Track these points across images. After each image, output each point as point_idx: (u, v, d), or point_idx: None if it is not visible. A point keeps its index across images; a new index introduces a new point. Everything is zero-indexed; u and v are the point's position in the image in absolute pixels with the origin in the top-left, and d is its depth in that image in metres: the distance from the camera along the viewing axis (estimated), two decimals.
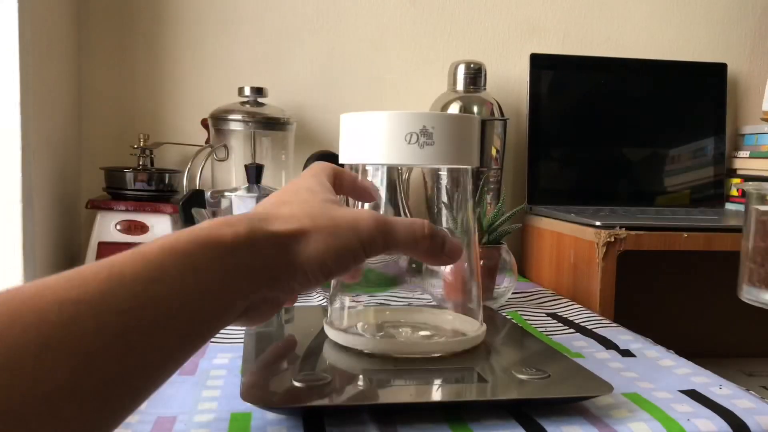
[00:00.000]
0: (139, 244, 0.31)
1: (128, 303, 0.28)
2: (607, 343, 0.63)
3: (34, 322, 0.25)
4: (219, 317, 0.33)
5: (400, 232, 0.40)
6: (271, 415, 0.43)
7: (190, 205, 0.76)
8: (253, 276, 0.35)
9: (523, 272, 1.05)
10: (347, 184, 0.48)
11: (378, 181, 0.57)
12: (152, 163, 0.98)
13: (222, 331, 0.65)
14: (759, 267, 0.39)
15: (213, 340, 0.60)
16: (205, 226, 0.34)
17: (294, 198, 0.40)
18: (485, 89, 1.04)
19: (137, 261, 0.30)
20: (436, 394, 0.45)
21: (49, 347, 0.25)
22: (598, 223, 0.83)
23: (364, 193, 0.51)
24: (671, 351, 0.61)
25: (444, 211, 0.79)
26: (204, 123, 1.01)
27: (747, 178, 1.12)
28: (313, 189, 0.42)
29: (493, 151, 1.01)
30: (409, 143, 0.47)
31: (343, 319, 0.57)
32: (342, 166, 0.56)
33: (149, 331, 0.28)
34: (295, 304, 0.75)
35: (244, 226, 0.34)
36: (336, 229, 0.38)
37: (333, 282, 0.57)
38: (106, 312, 0.27)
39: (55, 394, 0.24)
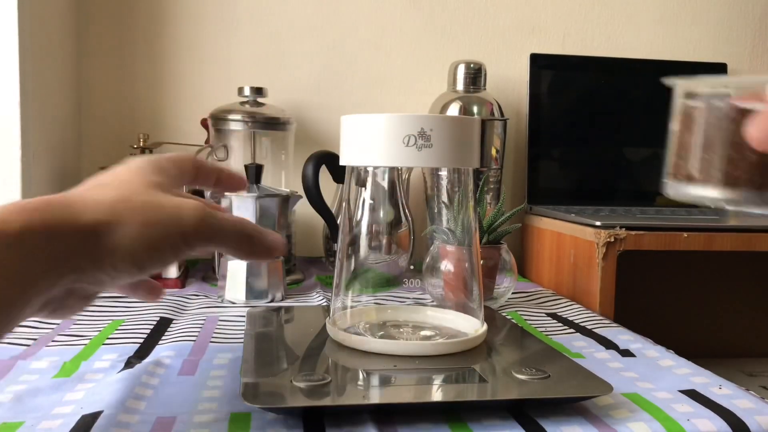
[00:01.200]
0: None
1: None
2: (607, 343, 0.63)
3: None
4: (7, 312, 0.30)
5: (227, 229, 0.37)
6: (270, 415, 0.43)
7: None
8: (50, 268, 0.31)
9: (523, 272, 1.05)
10: (204, 175, 0.44)
11: (379, 180, 0.57)
12: None
13: (222, 331, 0.65)
14: (683, 161, 0.39)
15: (213, 340, 0.61)
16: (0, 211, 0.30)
17: (113, 179, 0.36)
18: (485, 89, 1.04)
19: None
20: (436, 394, 0.45)
21: None
22: (598, 223, 0.83)
23: (231, 182, 0.47)
24: (671, 351, 0.61)
25: (444, 211, 0.79)
26: (204, 123, 1.01)
27: None
28: (139, 168, 0.38)
29: (493, 151, 1.01)
30: (407, 145, 0.47)
31: (345, 319, 0.57)
32: (343, 168, 0.56)
33: None
34: (296, 304, 0.75)
35: (39, 215, 0.31)
36: (153, 219, 0.34)
37: (334, 281, 0.57)
38: None
39: None
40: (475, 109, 1.02)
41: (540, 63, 1.10)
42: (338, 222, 0.88)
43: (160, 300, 0.49)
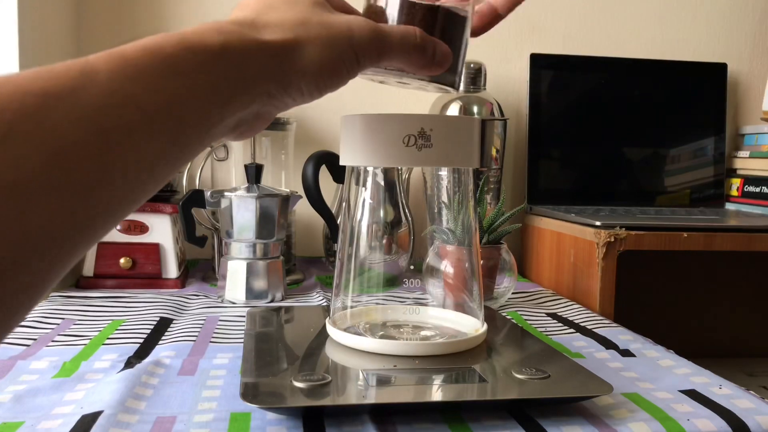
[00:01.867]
0: (139, 244, 0.31)
1: (103, 100, 0.26)
2: (607, 343, 0.63)
3: None
4: (205, 126, 0.31)
5: (394, 40, 0.38)
6: (270, 415, 0.43)
7: (190, 205, 0.76)
8: (245, 88, 0.32)
9: (523, 272, 1.05)
10: None
11: (379, 180, 0.57)
12: None
13: (222, 331, 0.65)
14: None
15: (212, 340, 0.61)
16: (195, 30, 0.31)
17: (280, 2, 0.36)
18: (485, 89, 1.04)
19: (114, 59, 0.28)
20: (436, 394, 0.45)
21: (10, 137, 0.23)
22: (598, 223, 0.83)
23: None
24: (671, 351, 0.61)
25: (444, 211, 0.79)
26: None
27: (747, 179, 1.12)
28: None
29: (493, 151, 1.01)
30: (407, 145, 0.47)
31: (345, 319, 0.57)
32: (343, 168, 0.56)
33: (128, 131, 0.26)
34: (296, 304, 0.75)
35: (236, 36, 0.32)
36: (330, 39, 0.35)
37: (335, 282, 0.57)
38: (77, 106, 0.25)
39: (22, 185, 0.23)
40: (475, 109, 1.02)
41: (540, 63, 1.10)
42: (338, 222, 0.88)
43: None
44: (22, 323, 0.33)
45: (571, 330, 0.68)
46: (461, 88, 1.03)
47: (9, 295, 0.23)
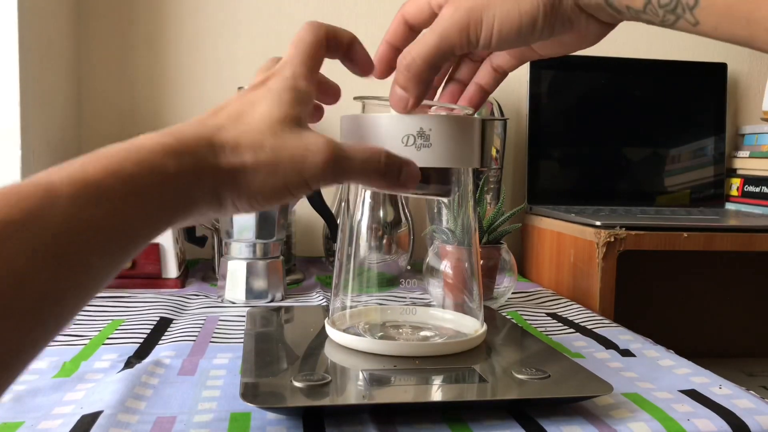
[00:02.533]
0: None
1: (63, 226, 0.27)
2: (607, 343, 0.63)
3: None
4: (152, 237, 0.33)
5: (355, 164, 0.38)
6: (270, 415, 0.43)
7: None
8: (188, 208, 0.34)
9: (523, 272, 1.05)
10: (342, 47, 0.45)
11: None
12: None
13: (222, 331, 0.65)
14: None
15: (213, 340, 0.61)
16: (153, 150, 0.32)
17: (251, 110, 0.37)
18: None
19: (76, 182, 0.29)
20: (436, 394, 0.45)
21: None
22: (598, 223, 0.83)
23: (329, 91, 0.48)
24: (671, 351, 0.61)
25: (444, 211, 0.79)
26: None
27: (747, 179, 1.12)
28: (280, 99, 0.38)
29: (493, 151, 1.01)
30: (406, 145, 0.47)
31: (344, 319, 0.57)
32: None
33: (86, 254, 0.28)
34: (296, 304, 0.75)
35: (191, 160, 0.33)
36: (278, 166, 0.35)
37: (334, 281, 0.57)
38: (34, 235, 0.26)
39: None
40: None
41: (540, 63, 1.10)
42: (338, 222, 0.88)
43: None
44: None
45: (571, 330, 0.68)
46: None
47: None
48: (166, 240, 0.83)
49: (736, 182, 1.14)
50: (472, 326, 0.56)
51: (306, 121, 0.39)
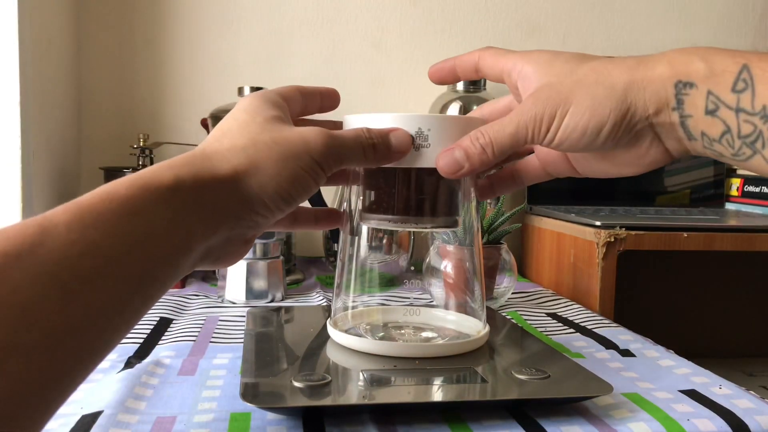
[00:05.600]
0: None
1: (63, 252, 0.26)
2: (607, 343, 0.63)
3: None
4: (171, 262, 0.32)
5: (348, 142, 0.39)
6: (270, 415, 0.43)
7: None
8: (207, 217, 0.33)
9: (523, 272, 1.05)
10: (309, 98, 0.45)
11: None
12: (152, 163, 0.98)
13: (222, 331, 0.65)
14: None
15: (213, 340, 0.61)
16: (146, 171, 0.32)
17: (233, 124, 0.38)
18: (485, 89, 1.04)
19: (71, 209, 0.28)
20: (436, 394, 0.45)
21: None
22: (598, 223, 0.83)
23: (330, 98, 0.48)
24: (671, 351, 0.61)
25: None
26: (204, 123, 1.01)
27: (747, 179, 1.12)
28: (253, 107, 0.39)
29: None
30: None
31: (346, 320, 0.57)
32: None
33: (90, 279, 0.27)
34: (296, 304, 0.75)
35: (187, 169, 0.33)
36: (284, 153, 0.36)
37: (335, 282, 0.57)
38: (36, 263, 0.26)
39: None
40: (475, 108, 1.02)
41: None
42: None
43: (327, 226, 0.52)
44: None
45: (571, 330, 0.68)
46: (461, 87, 1.03)
47: None
48: None
49: (736, 182, 1.14)
50: (474, 327, 0.56)
51: (290, 122, 0.39)
